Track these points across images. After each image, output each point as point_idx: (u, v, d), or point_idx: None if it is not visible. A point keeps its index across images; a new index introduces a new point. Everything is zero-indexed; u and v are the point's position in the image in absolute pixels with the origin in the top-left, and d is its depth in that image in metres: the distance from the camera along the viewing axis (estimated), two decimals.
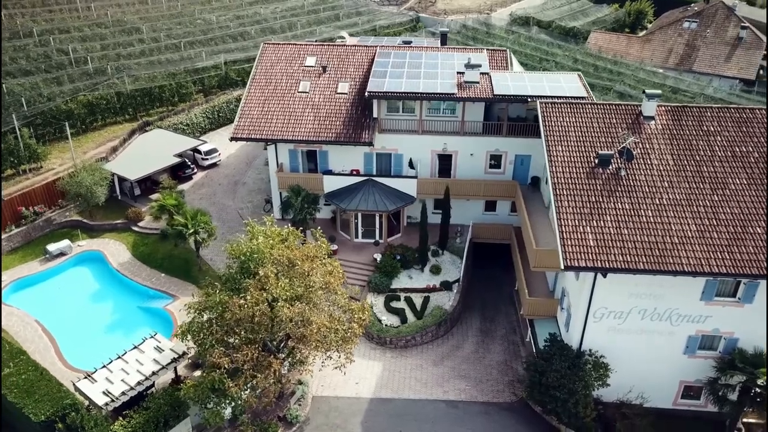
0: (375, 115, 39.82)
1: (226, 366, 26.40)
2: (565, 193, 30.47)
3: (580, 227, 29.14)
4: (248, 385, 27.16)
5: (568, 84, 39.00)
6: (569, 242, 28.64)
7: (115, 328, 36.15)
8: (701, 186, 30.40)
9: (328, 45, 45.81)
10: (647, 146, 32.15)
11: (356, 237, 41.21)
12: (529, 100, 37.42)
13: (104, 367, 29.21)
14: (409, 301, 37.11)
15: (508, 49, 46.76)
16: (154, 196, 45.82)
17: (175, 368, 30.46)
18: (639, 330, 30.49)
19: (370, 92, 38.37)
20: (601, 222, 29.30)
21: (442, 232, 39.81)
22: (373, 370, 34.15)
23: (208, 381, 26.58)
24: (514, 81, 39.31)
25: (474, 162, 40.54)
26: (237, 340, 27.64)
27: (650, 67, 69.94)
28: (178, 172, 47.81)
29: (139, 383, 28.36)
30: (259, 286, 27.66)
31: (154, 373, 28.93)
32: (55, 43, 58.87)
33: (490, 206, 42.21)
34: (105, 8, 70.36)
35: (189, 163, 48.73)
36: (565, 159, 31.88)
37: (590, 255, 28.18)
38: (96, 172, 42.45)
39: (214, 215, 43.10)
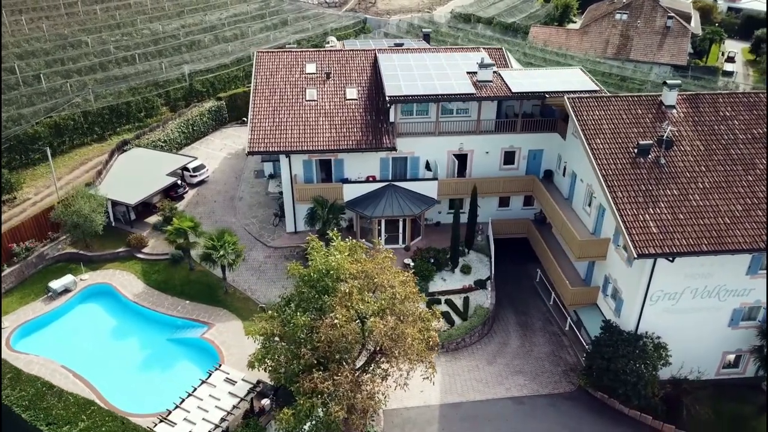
0: (392, 119, 39.43)
1: (326, 390, 25.35)
2: (616, 184, 31.58)
3: (640, 216, 30.33)
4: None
5: (577, 78, 40.35)
6: (634, 231, 29.72)
7: (151, 365, 33.76)
8: (734, 168, 32.43)
9: (325, 51, 44.74)
10: (676, 134, 33.85)
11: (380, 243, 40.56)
12: (547, 96, 38.37)
13: (177, 407, 27.24)
14: (450, 303, 37.11)
15: (503, 47, 47.60)
16: (151, 220, 43.23)
17: (251, 399, 28.84)
18: (690, 308, 32.10)
19: (390, 96, 37.95)
20: (657, 209, 30.64)
21: (469, 231, 40.04)
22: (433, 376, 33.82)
23: (307, 408, 25.42)
24: (526, 78, 40.19)
25: (489, 159, 41.06)
26: (305, 361, 26.55)
27: (594, 57, 73.61)
28: (170, 191, 45.13)
29: (223, 420, 26.69)
30: (342, 303, 26.76)
31: (235, 407, 27.34)
32: None
33: (504, 202, 42.93)
34: (35, 21, 65.27)
35: (179, 181, 46.08)
36: (606, 151, 33.02)
37: (656, 242, 29.42)
38: (91, 198, 39.25)
39: None
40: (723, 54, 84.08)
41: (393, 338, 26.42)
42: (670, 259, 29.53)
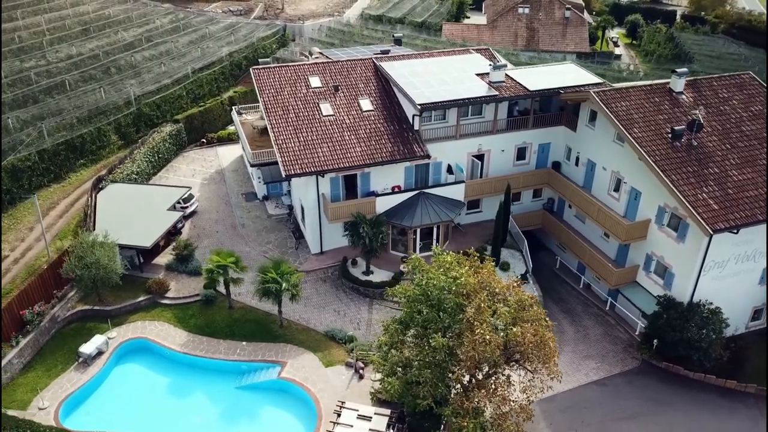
0: (416, 127, 39.14)
1: (490, 409, 25.00)
2: (667, 168, 33.92)
3: (699, 195, 32.88)
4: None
5: (578, 73, 42.51)
6: (701, 210, 32.16)
7: (234, 418, 30.85)
8: (751, 143, 36.12)
9: (323, 63, 43.05)
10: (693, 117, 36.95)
11: (414, 252, 40.13)
12: (561, 92, 40.10)
13: None
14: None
15: (489, 47, 48.71)
16: (160, 261, 39.35)
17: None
18: (732, 273, 35.28)
19: (421, 104, 37.65)
20: (709, 187, 33.38)
21: (503, 229, 40.80)
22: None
23: (471, 429, 24.88)
24: (532, 76, 41.63)
25: (504, 157, 42.07)
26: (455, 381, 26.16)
27: (510, 50, 77.37)
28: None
29: None
30: (477, 318, 26.44)
31: None
32: None
33: (516, 197, 44.11)
34: None
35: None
36: (646, 138, 35.31)
37: (721, 217, 32.10)
38: (104, 246, 34.92)
39: None
40: (609, 40, 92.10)
41: (538, 345, 26.59)
42: (735, 231, 32.36)
